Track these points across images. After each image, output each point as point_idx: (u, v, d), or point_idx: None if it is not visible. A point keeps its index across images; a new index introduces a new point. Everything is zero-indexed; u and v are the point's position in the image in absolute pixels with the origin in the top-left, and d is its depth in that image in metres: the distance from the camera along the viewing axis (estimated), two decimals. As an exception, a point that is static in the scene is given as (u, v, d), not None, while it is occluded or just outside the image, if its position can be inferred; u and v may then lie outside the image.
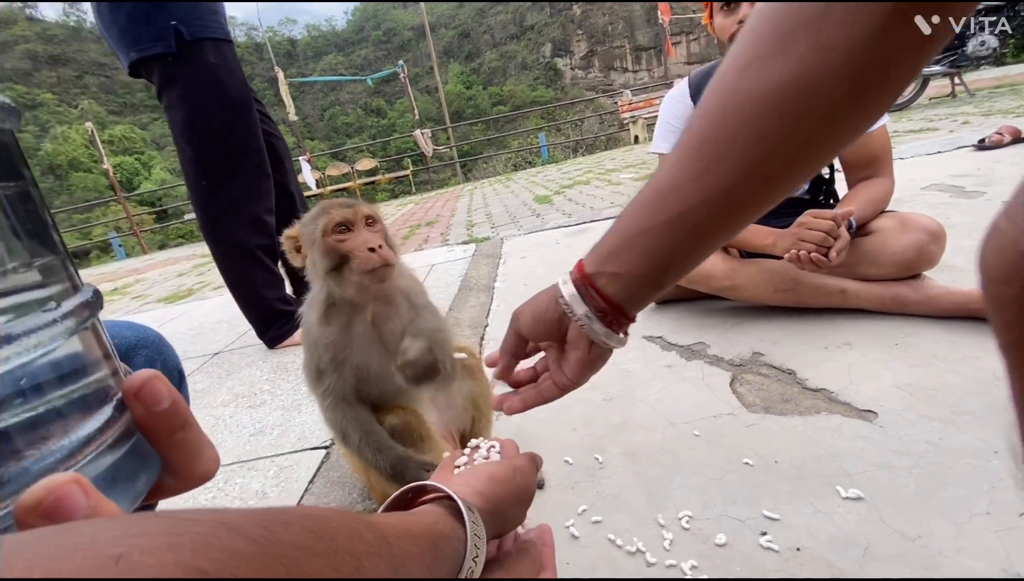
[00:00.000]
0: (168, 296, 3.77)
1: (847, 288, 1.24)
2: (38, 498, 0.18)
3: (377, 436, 0.76)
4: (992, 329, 0.33)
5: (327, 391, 0.77)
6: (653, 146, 1.54)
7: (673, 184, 0.43)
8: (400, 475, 0.74)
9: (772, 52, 0.36)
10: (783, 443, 0.87)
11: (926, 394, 0.93)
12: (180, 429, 0.25)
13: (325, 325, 0.76)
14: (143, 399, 0.24)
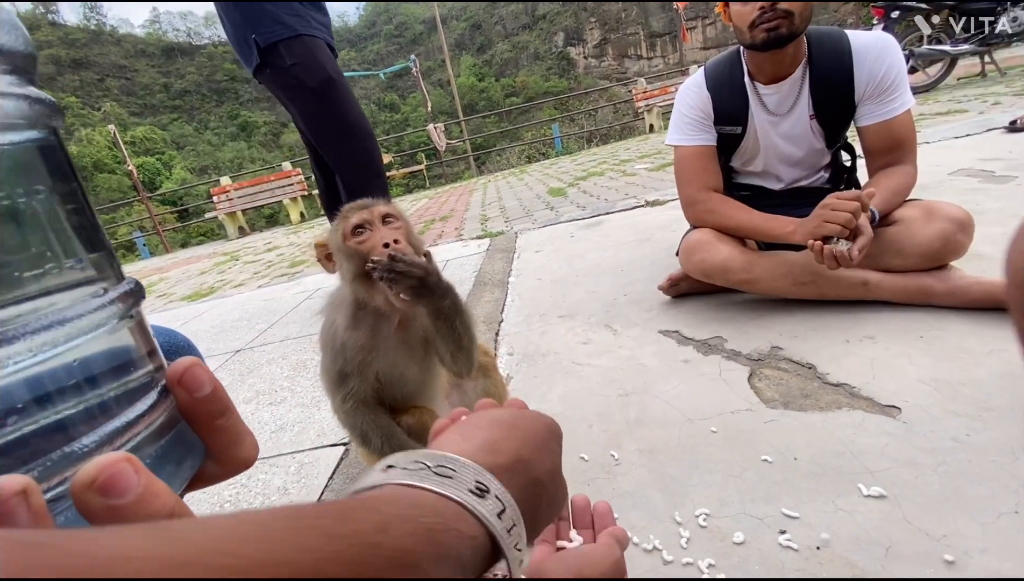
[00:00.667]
0: (191, 294, 3.86)
1: (870, 279, 1.21)
2: (93, 475, 0.19)
3: (399, 440, 0.77)
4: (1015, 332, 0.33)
5: (348, 395, 0.77)
6: (668, 137, 1.51)
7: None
8: None
9: None
10: (803, 439, 0.86)
11: (952, 389, 0.90)
12: (221, 415, 0.26)
13: (353, 329, 0.76)
14: (185, 385, 0.25)
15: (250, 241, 7.62)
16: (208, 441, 0.27)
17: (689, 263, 1.39)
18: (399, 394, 0.83)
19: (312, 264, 3.90)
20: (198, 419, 0.26)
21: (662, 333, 1.36)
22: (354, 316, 0.77)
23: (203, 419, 0.26)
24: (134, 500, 0.19)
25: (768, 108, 1.38)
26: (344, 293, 0.79)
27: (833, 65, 1.28)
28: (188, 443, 0.26)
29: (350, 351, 0.76)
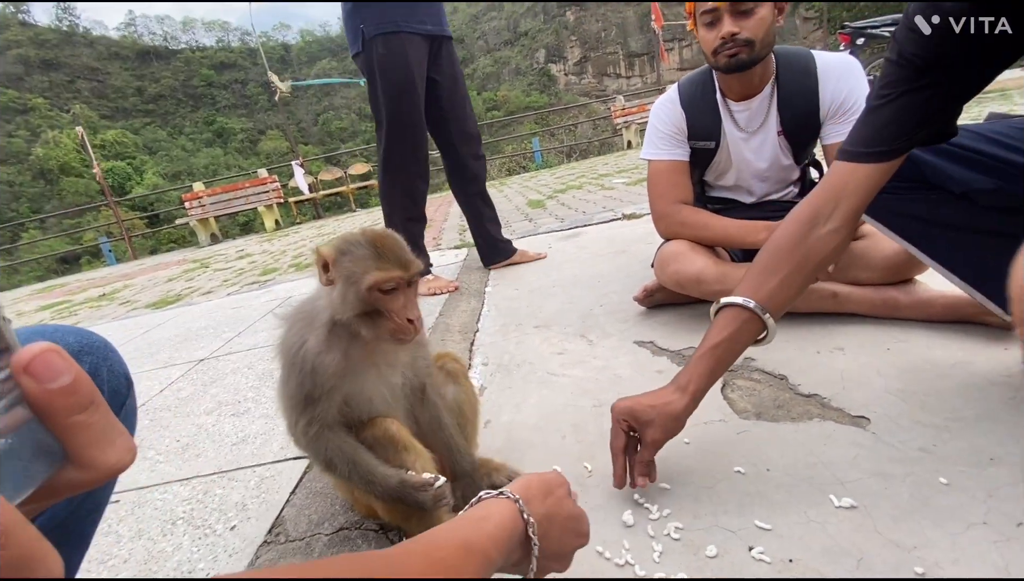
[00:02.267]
0: (156, 302, 3.72)
1: (839, 292, 1.23)
2: None
3: (366, 466, 0.71)
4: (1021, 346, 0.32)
5: (314, 419, 0.72)
6: (644, 152, 1.53)
7: None
8: (400, 501, 0.71)
9: None
10: (775, 450, 0.86)
11: (919, 400, 0.91)
12: (82, 409, 0.23)
13: (327, 352, 0.72)
14: (35, 373, 0.22)
15: (222, 248, 7.44)
16: (66, 440, 0.23)
17: (664, 274, 1.40)
18: (364, 413, 0.79)
19: (284, 271, 3.81)
20: (52, 414, 0.22)
21: (637, 343, 1.35)
22: (328, 337, 0.72)
23: (59, 413, 0.22)
24: None
25: (739, 124, 1.41)
26: (319, 310, 0.73)
27: (799, 84, 1.31)
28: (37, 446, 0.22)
29: (321, 375, 0.71)
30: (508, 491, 0.53)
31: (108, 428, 0.24)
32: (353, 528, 0.84)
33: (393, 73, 2.00)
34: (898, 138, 0.78)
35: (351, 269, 0.68)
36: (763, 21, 1.24)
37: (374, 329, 0.70)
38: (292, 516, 0.91)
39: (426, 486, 0.69)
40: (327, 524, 0.87)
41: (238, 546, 0.86)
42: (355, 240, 0.70)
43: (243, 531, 0.90)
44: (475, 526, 0.47)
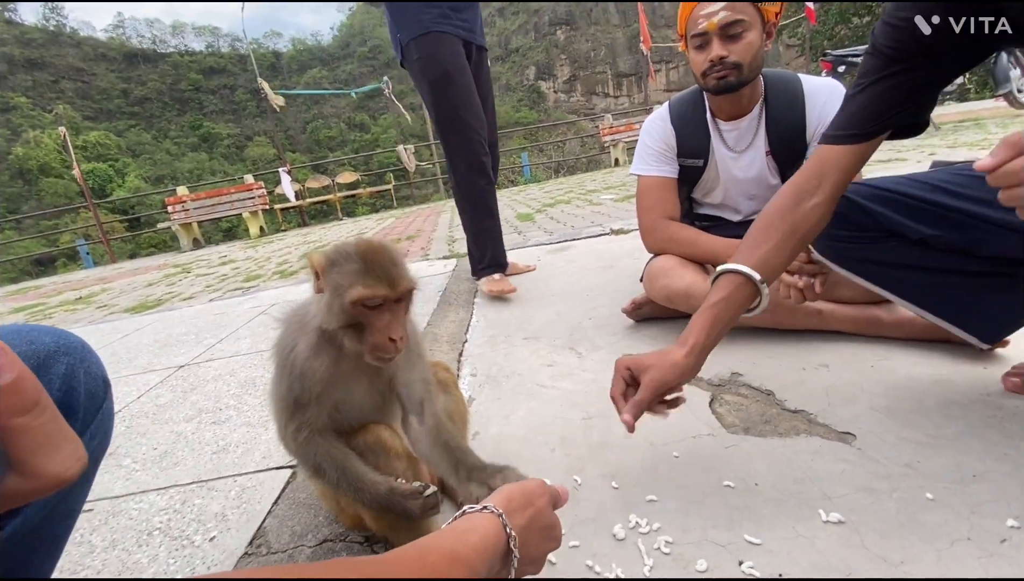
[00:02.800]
0: (135, 306, 3.64)
1: (823, 310, 1.25)
2: None
3: (355, 472, 0.70)
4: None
5: (304, 424, 0.71)
6: (633, 168, 1.55)
7: None
8: (388, 509, 0.70)
9: None
10: (764, 465, 0.86)
11: (903, 417, 0.93)
12: (23, 412, 0.21)
13: (315, 357, 0.71)
14: None
15: (204, 254, 7.32)
16: (6, 445, 0.21)
17: (653, 288, 1.41)
18: (355, 420, 0.78)
19: (268, 278, 3.76)
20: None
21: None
22: (317, 343, 0.71)
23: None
24: None
25: (728, 143, 1.44)
26: (311, 315, 0.72)
27: (787, 106, 1.35)
28: None
29: (309, 380, 0.70)
30: (491, 505, 0.54)
31: (54, 433, 0.22)
32: (338, 540, 0.82)
33: (430, 70, 2.01)
34: (869, 122, 0.83)
35: (338, 281, 0.67)
36: (751, 46, 1.28)
37: (357, 343, 0.69)
38: (274, 527, 0.89)
39: (415, 494, 0.68)
40: (311, 536, 0.85)
41: (217, 558, 0.83)
42: (346, 251, 0.69)
43: (223, 542, 0.87)
44: (461, 538, 0.48)
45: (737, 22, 1.26)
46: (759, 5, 1.27)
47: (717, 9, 1.26)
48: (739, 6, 1.26)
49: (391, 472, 0.73)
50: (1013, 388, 0.94)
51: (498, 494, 0.57)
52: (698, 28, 1.30)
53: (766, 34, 1.31)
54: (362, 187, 11.14)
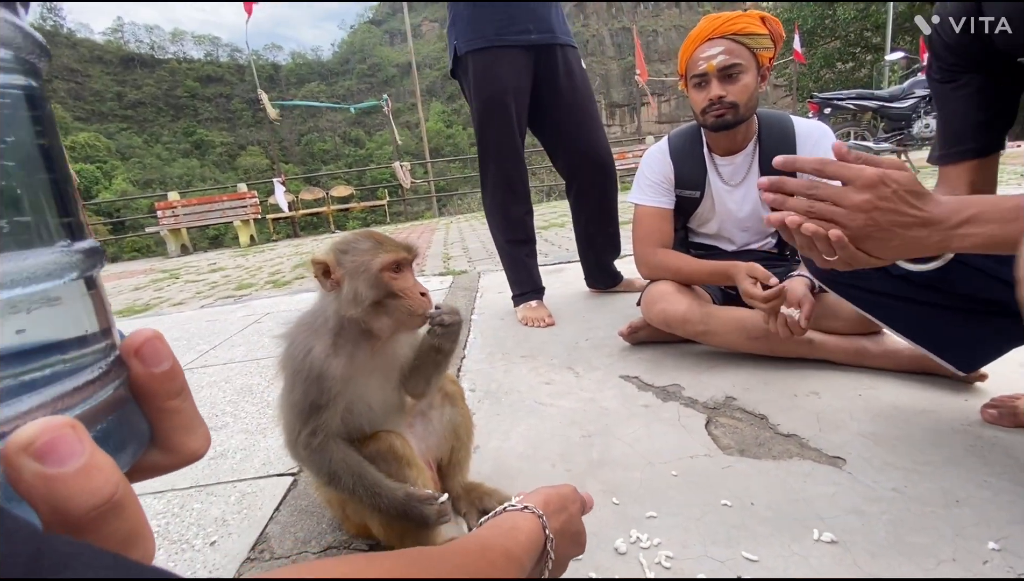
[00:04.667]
0: (122, 309, 3.59)
1: (814, 339, 1.30)
2: (31, 437, 0.17)
3: (372, 479, 0.71)
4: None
5: (319, 428, 0.71)
6: (631, 196, 1.62)
7: None
8: (403, 515, 0.71)
9: None
10: (759, 486, 0.89)
11: (890, 443, 0.97)
12: (176, 395, 0.24)
13: (334, 356, 0.72)
14: (143, 357, 0.23)
15: (192, 260, 7.25)
16: (157, 424, 0.24)
17: (651, 312, 1.45)
18: (365, 423, 0.79)
19: (260, 287, 3.75)
20: (151, 397, 0.24)
21: (623, 378, 1.39)
22: (333, 343, 0.73)
23: (157, 398, 0.24)
24: (75, 471, 0.17)
25: (723, 177, 1.51)
26: (323, 318, 0.74)
27: (779, 144, 1.43)
28: (133, 426, 0.23)
29: (328, 380, 0.71)
30: (532, 506, 0.56)
31: (194, 415, 0.25)
32: (342, 547, 0.83)
33: (482, 91, 1.90)
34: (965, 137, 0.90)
35: (357, 261, 0.71)
36: (747, 87, 1.36)
37: (388, 317, 0.72)
38: (277, 533, 0.89)
39: (432, 500, 0.70)
40: (314, 542, 0.85)
41: (219, 562, 0.83)
42: (352, 238, 0.74)
43: (224, 547, 0.87)
44: (510, 536, 0.50)
45: (734, 65, 1.34)
46: (754, 51, 1.36)
47: (716, 52, 1.35)
48: (736, 50, 1.34)
49: (402, 480, 0.74)
50: (990, 419, 0.99)
51: (536, 495, 0.59)
52: (698, 69, 1.38)
53: (760, 77, 1.39)
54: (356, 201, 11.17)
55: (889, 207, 0.66)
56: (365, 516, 0.77)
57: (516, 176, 2.02)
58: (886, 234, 0.67)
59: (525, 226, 2.10)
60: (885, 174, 0.66)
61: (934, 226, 0.66)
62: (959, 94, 0.89)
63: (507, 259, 2.12)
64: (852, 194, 0.66)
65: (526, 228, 2.10)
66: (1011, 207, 0.64)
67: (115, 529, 0.18)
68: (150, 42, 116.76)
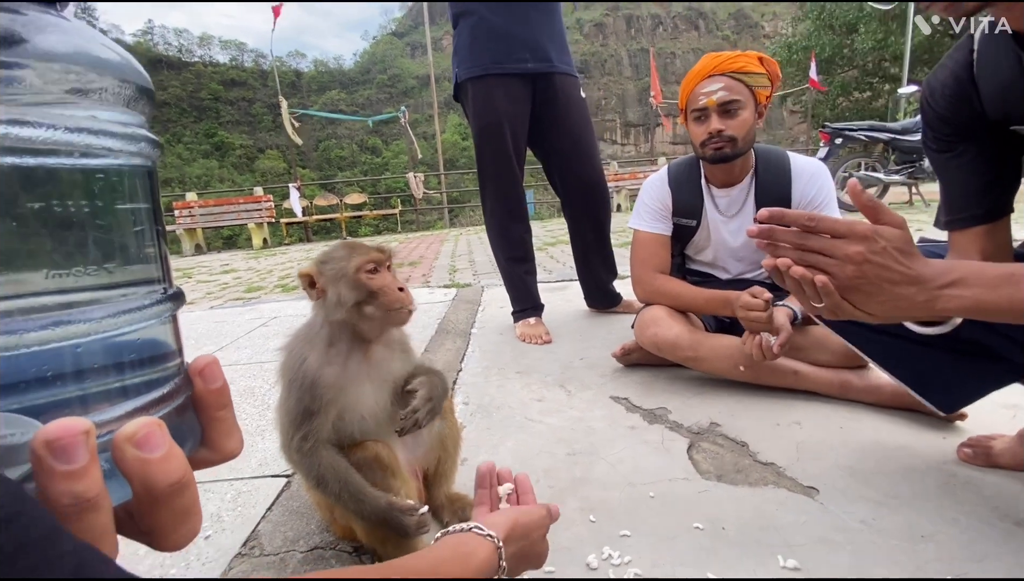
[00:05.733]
0: (135, 306, 3.68)
1: (799, 370, 1.33)
2: (134, 430, 0.23)
3: (356, 486, 0.75)
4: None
5: (311, 433, 0.76)
6: (631, 221, 1.66)
7: None
8: (384, 523, 0.75)
9: None
10: (732, 511, 0.92)
11: (865, 476, 0.99)
12: (224, 407, 0.31)
13: (327, 365, 0.77)
14: (204, 376, 0.30)
15: (205, 260, 7.38)
16: (207, 429, 0.31)
17: (643, 336, 1.49)
18: (356, 432, 0.83)
19: (270, 291, 3.83)
20: (206, 408, 0.30)
21: (613, 399, 1.43)
22: (326, 352, 0.78)
23: (210, 408, 0.30)
24: (160, 457, 0.23)
25: (719, 208, 1.55)
26: (318, 328, 0.79)
27: (775, 179, 1.47)
28: (192, 428, 0.30)
29: (320, 388, 0.76)
30: (494, 534, 0.58)
31: (233, 422, 0.32)
32: (328, 548, 0.87)
33: (480, 118, 1.99)
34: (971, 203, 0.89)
35: (335, 268, 0.77)
36: (745, 122, 1.41)
37: (372, 315, 0.77)
38: (268, 531, 0.93)
39: (412, 511, 0.74)
40: (302, 542, 0.89)
41: (211, 555, 0.88)
42: (330, 249, 0.80)
43: (217, 541, 0.91)
44: (464, 561, 0.54)
45: (733, 101, 1.39)
46: (752, 88, 1.41)
47: (716, 88, 1.40)
48: (735, 87, 1.40)
49: (387, 489, 0.78)
50: (965, 458, 1.01)
51: (503, 518, 0.62)
52: (699, 104, 1.43)
53: (757, 114, 1.44)
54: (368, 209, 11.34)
55: (879, 262, 0.66)
56: (351, 521, 0.81)
57: (514, 198, 2.10)
58: (874, 288, 0.67)
59: (524, 245, 2.16)
60: (876, 229, 0.67)
61: (921, 285, 0.67)
62: (957, 163, 0.89)
63: (507, 276, 2.18)
64: (843, 245, 0.67)
65: (525, 247, 2.16)
66: (996, 274, 0.65)
67: (180, 503, 0.25)
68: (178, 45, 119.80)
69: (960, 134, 0.87)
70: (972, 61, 0.83)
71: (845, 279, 0.68)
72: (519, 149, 2.06)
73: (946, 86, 0.86)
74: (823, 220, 0.69)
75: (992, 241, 0.90)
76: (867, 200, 0.68)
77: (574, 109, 2.08)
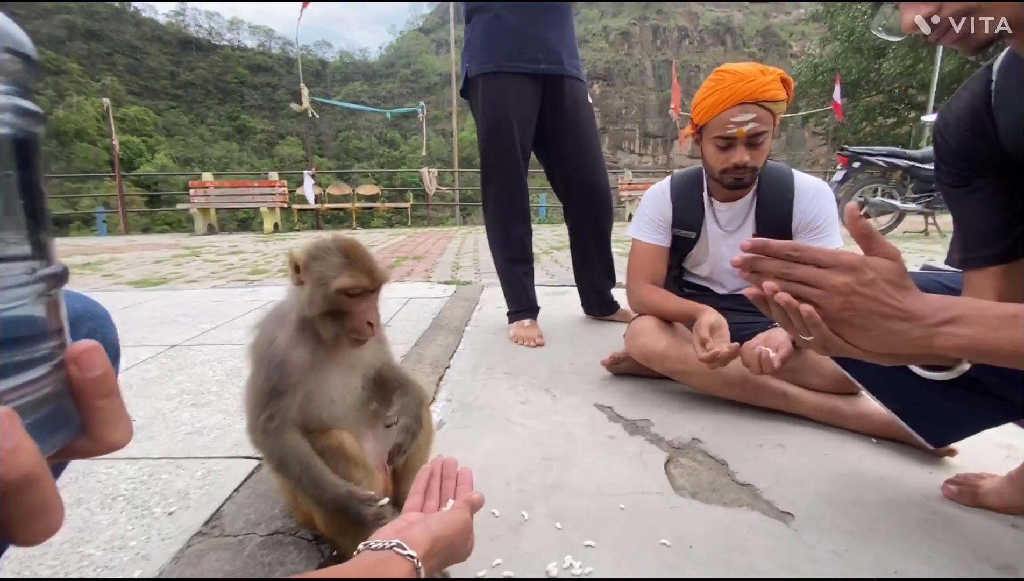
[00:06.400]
0: (139, 280, 3.72)
1: (788, 392, 1.30)
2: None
3: (317, 471, 0.75)
4: None
5: (277, 413, 0.76)
6: (630, 230, 1.65)
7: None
8: (342, 512, 0.74)
9: None
10: (701, 530, 0.90)
11: (843, 506, 0.97)
12: (105, 396, 0.29)
13: (295, 346, 0.77)
14: (81, 363, 0.28)
15: (216, 240, 7.45)
16: (87, 417, 0.29)
17: (632, 345, 1.47)
18: (324, 416, 0.82)
19: (272, 275, 3.85)
20: (83, 396, 0.28)
21: (597, 406, 1.41)
22: (296, 334, 0.78)
23: (88, 397, 0.28)
24: (6, 450, 0.22)
25: (720, 223, 1.53)
26: (289, 310, 0.79)
27: (777, 197, 1.45)
28: (66, 417, 0.28)
29: (288, 368, 0.76)
30: (414, 554, 0.57)
31: (118, 414, 0.30)
32: (288, 534, 0.86)
33: (488, 114, 1.97)
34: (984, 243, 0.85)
35: (322, 272, 0.74)
36: (767, 150, 1.38)
37: (333, 328, 0.76)
38: (231, 512, 0.93)
39: (371, 501, 0.73)
40: (263, 526, 0.89)
41: (172, 532, 0.87)
42: (326, 246, 0.76)
43: (180, 518, 0.91)
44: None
45: (762, 133, 1.34)
46: (775, 114, 1.35)
47: (748, 119, 1.32)
48: (765, 117, 1.33)
49: (349, 478, 0.77)
50: (949, 495, 0.98)
51: (426, 533, 0.60)
52: (727, 132, 1.34)
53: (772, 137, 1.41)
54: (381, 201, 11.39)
55: (868, 294, 0.63)
56: (312, 508, 0.80)
57: (517, 197, 2.08)
58: (865, 322, 0.64)
59: (524, 246, 2.14)
60: (866, 260, 0.64)
61: (915, 322, 0.63)
62: (973, 199, 0.85)
63: (504, 277, 2.16)
64: (830, 276, 0.64)
65: (524, 248, 2.14)
66: (999, 314, 0.62)
67: (30, 498, 0.24)
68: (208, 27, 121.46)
69: (975, 169, 0.83)
70: (990, 92, 0.80)
71: (832, 311, 0.64)
72: (525, 149, 2.04)
73: (961, 120, 0.83)
74: (807, 250, 0.65)
75: (1010, 281, 0.85)
76: (862, 227, 0.65)
77: (582, 113, 2.06)
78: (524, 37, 1.91)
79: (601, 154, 2.18)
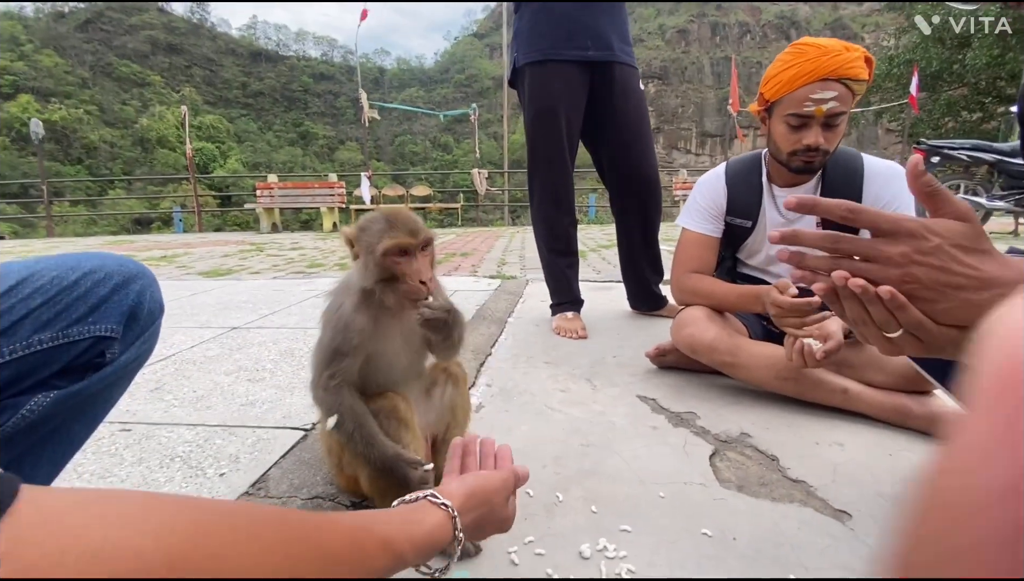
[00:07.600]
0: (208, 271, 3.98)
1: (849, 388, 1.21)
2: None
3: (370, 429, 0.78)
4: None
5: (338, 372, 0.80)
6: (679, 219, 1.59)
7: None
8: (388, 471, 0.76)
9: None
10: (747, 523, 0.85)
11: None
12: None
13: (358, 312, 0.81)
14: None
15: (279, 238, 7.86)
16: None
17: (679, 336, 1.42)
18: (382, 380, 0.86)
19: (328, 269, 4.01)
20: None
21: (639, 398, 1.37)
22: (361, 302, 0.82)
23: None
24: None
25: (780, 210, 1.44)
26: (355, 280, 0.83)
27: (845, 181, 1.34)
28: None
29: (351, 331, 0.80)
30: (449, 503, 0.54)
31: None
32: (327, 499, 0.89)
33: (535, 103, 1.95)
34: None
35: (369, 241, 0.78)
36: (841, 132, 1.28)
37: (393, 294, 0.79)
38: (276, 476, 0.97)
39: (418, 464, 0.75)
40: (305, 490, 0.92)
41: (222, 491, 0.92)
42: (372, 217, 0.81)
43: (230, 479, 0.96)
44: (403, 528, 0.48)
45: (841, 114, 1.24)
46: (855, 94, 1.25)
47: (829, 97, 1.21)
48: (845, 96, 1.23)
49: (398, 440, 0.80)
50: None
51: (461, 486, 0.59)
52: (804, 109, 1.25)
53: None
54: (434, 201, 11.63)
55: (932, 263, 0.54)
56: (357, 468, 0.82)
57: (563, 188, 2.05)
58: (933, 294, 0.55)
59: (568, 238, 2.11)
60: (926, 225, 0.55)
61: (995, 288, 0.54)
62: None
63: (548, 268, 2.14)
64: (884, 246, 0.55)
65: (569, 240, 2.11)
66: None
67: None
68: (277, 40, 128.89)
69: None
70: None
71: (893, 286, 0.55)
72: (572, 138, 2.00)
73: None
74: (864, 212, 0.56)
75: None
76: (925, 184, 0.55)
77: (632, 101, 2.00)
78: (572, 24, 1.88)
79: (651, 142, 2.12)
